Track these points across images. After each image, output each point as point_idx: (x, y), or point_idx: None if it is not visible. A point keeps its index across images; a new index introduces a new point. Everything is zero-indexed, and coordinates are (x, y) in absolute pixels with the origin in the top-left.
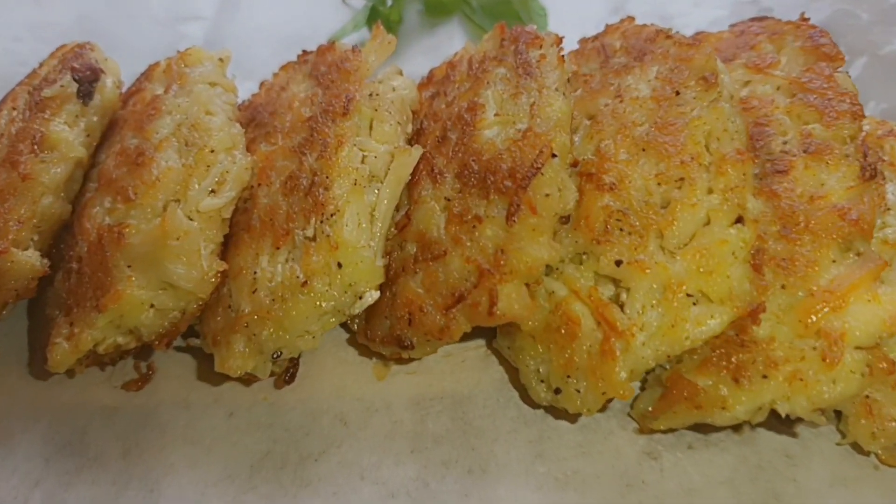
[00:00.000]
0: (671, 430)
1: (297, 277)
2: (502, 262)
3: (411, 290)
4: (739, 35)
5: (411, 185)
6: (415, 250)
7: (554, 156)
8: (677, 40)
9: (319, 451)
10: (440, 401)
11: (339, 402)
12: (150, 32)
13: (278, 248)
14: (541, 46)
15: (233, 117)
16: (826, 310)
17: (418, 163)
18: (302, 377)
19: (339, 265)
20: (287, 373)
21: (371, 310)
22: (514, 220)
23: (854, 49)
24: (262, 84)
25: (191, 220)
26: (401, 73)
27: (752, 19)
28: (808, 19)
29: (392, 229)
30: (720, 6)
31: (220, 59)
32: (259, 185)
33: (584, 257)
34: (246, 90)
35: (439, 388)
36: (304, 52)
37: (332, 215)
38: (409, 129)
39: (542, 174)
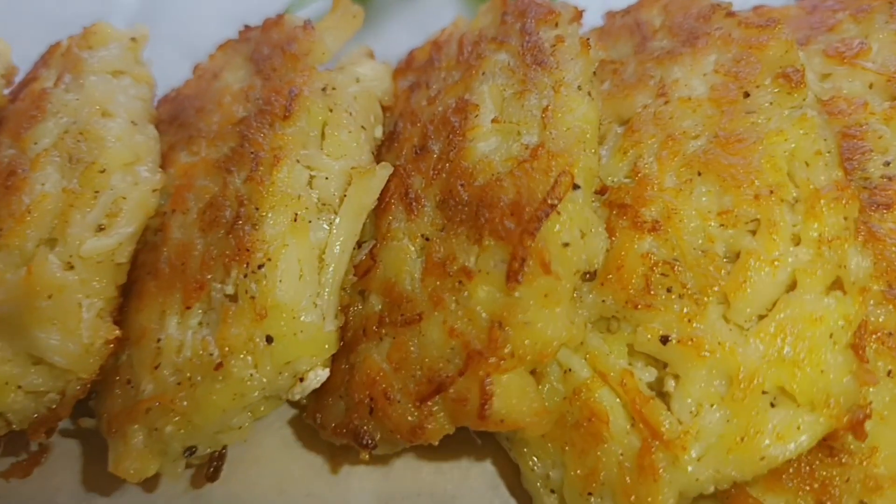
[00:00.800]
0: None
1: (211, 355)
2: (500, 342)
3: (374, 364)
4: (811, 12)
5: (378, 212)
6: (380, 307)
7: (576, 187)
8: (742, 20)
9: None
10: (415, 500)
11: (281, 499)
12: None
13: (189, 308)
14: (556, 24)
15: (141, 118)
16: None
17: (389, 181)
18: (233, 462)
19: (269, 339)
20: (209, 467)
21: (322, 384)
22: (518, 281)
23: None
24: (195, 68)
25: (71, 267)
26: (371, 57)
27: None
28: None
29: (351, 275)
30: None
31: (133, 40)
32: (173, 211)
33: (615, 324)
34: (183, 73)
35: (414, 483)
36: (247, 27)
37: (259, 266)
38: (379, 132)
39: (559, 213)
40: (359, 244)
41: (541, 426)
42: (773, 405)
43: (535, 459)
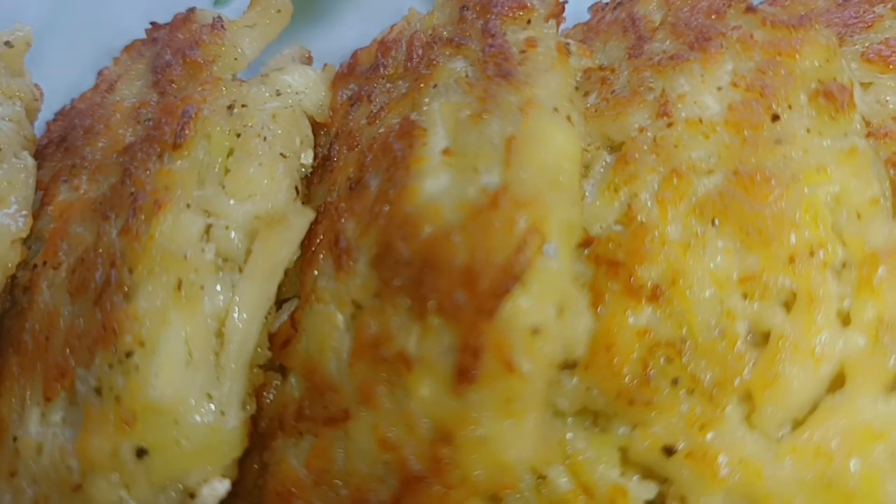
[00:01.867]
0: None
1: (69, 469)
2: (446, 463)
3: (290, 471)
4: (843, 4)
5: (304, 263)
6: (300, 393)
7: (550, 248)
8: (767, 17)
9: None
10: None
11: None
12: None
13: (50, 401)
14: (528, 21)
15: (9, 145)
16: None
17: (318, 221)
18: None
19: (141, 452)
20: None
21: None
22: (471, 381)
23: None
24: (99, 74)
25: None
26: (307, 60)
27: None
28: None
29: (265, 349)
30: None
31: (8, 44)
32: (45, 263)
33: (604, 420)
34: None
35: None
36: (154, 24)
37: (128, 354)
38: (308, 158)
39: (526, 286)
40: (279, 303)
41: None
42: None
43: None
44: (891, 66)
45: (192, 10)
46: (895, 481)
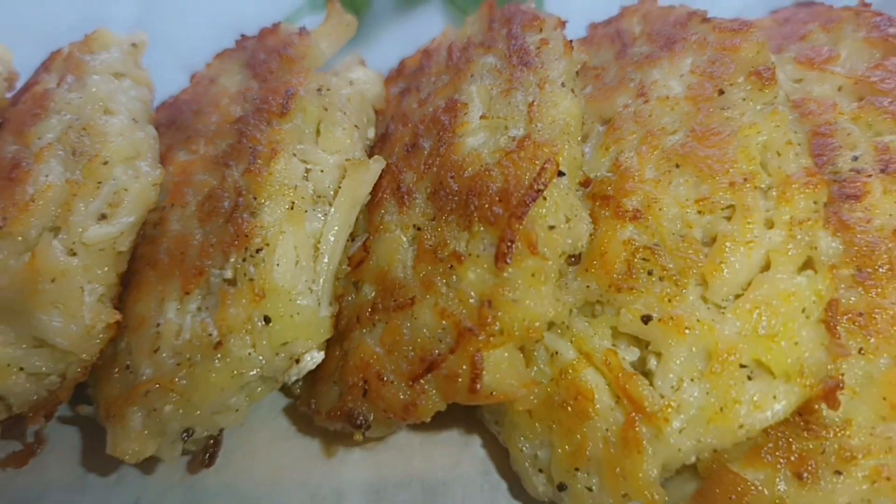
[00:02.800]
0: None
1: (210, 336)
2: (489, 320)
3: (367, 349)
4: (784, 23)
5: (371, 207)
6: (373, 295)
7: (561, 174)
8: (717, 24)
9: None
10: (406, 487)
11: (276, 488)
12: (66, 12)
13: (188, 294)
14: (541, 29)
15: (141, 118)
16: None
17: (381, 178)
18: (229, 453)
19: (267, 320)
20: (205, 453)
21: (315, 371)
22: (507, 262)
23: None
24: (192, 76)
25: (73, 254)
26: (362, 64)
27: (798, 4)
28: (870, 4)
29: (345, 265)
30: None
31: (134, 45)
32: (172, 205)
33: (599, 308)
34: (180, 85)
35: (406, 469)
36: (244, 36)
37: (258, 251)
38: (371, 133)
39: (545, 199)
40: (352, 238)
41: (529, 398)
42: (750, 378)
43: (524, 440)
44: (815, 66)
45: (277, 24)
46: (804, 326)
